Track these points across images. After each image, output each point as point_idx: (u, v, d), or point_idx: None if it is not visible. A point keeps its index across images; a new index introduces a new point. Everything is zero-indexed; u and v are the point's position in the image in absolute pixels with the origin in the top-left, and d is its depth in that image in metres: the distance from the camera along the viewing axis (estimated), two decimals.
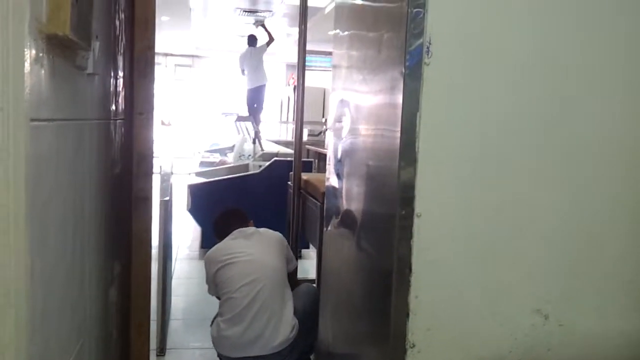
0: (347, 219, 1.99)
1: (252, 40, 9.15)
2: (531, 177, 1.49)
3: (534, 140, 1.48)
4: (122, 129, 1.72)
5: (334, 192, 2.15)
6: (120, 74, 1.69)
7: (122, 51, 1.70)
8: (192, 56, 15.35)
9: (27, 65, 0.83)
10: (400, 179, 1.44)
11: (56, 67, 0.99)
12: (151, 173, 1.66)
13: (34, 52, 0.87)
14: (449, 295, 1.47)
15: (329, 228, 2.24)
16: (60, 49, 1.01)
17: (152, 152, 1.65)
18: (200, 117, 14.56)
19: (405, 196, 1.44)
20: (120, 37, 1.68)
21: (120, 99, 1.68)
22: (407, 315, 1.45)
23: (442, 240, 1.46)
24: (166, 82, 14.52)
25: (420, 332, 1.46)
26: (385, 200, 1.56)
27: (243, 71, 9.09)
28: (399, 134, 1.44)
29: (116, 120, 1.62)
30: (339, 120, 2.09)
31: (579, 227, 1.52)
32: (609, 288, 1.54)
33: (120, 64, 1.69)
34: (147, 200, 1.64)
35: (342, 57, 2.11)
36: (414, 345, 1.46)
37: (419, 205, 1.44)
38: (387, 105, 1.55)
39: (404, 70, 1.42)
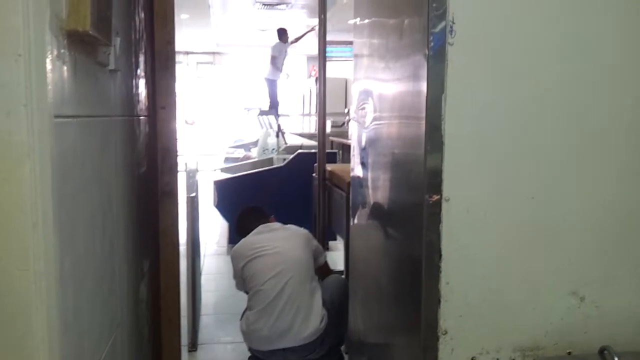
0: (374, 207, 1.97)
1: (279, 33, 9.07)
2: (565, 160, 1.45)
3: (568, 122, 1.44)
4: (147, 126, 1.73)
5: (360, 181, 2.14)
6: (142, 71, 1.70)
7: (143, 49, 1.70)
8: (213, 53, 15.44)
9: (48, 61, 0.83)
10: (427, 164, 1.41)
11: (78, 64, 0.99)
12: (176, 167, 1.67)
13: (55, 48, 0.87)
14: (480, 281, 1.45)
15: (356, 218, 2.22)
16: (82, 45, 1.01)
17: (176, 146, 1.66)
18: (223, 114, 14.64)
19: (433, 181, 1.41)
20: (141, 35, 1.68)
21: (143, 96, 1.68)
22: (439, 302, 1.43)
23: (473, 225, 1.43)
24: (188, 80, 14.63)
25: (452, 318, 1.44)
26: (413, 187, 1.53)
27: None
28: (424, 118, 1.41)
29: (140, 117, 1.63)
30: (362, 109, 2.07)
31: (617, 210, 1.47)
32: None
33: (142, 61, 1.69)
34: (173, 195, 1.65)
35: (363, 46, 2.08)
36: (446, 332, 1.44)
37: (447, 190, 1.41)
38: (412, 90, 1.52)
39: (427, 52, 1.39)
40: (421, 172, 1.44)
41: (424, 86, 1.41)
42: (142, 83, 1.65)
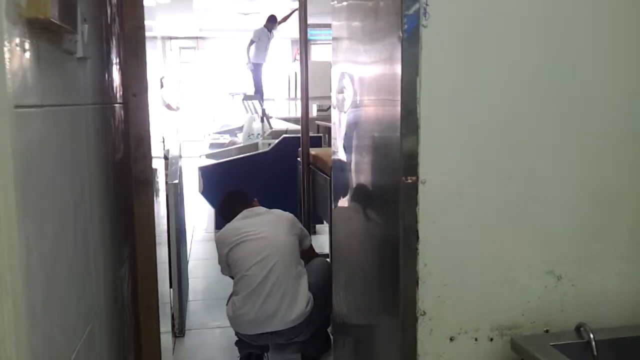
0: (354, 191, 1.97)
1: (268, 20, 9.14)
2: (541, 142, 1.45)
3: (544, 103, 1.44)
4: (121, 113, 1.71)
5: (341, 165, 2.13)
6: (115, 57, 1.67)
7: (115, 35, 1.68)
8: (196, 38, 15.26)
9: (6, 51, 0.80)
10: (403, 147, 1.42)
11: (41, 52, 0.97)
12: (150, 155, 1.65)
13: (14, 37, 0.85)
14: (458, 262, 1.46)
15: (338, 201, 2.22)
16: (44, 33, 0.99)
17: (149, 134, 1.64)
18: (208, 99, 14.52)
19: (409, 164, 1.42)
20: (112, 20, 1.65)
21: (117, 83, 1.66)
22: (417, 283, 1.44)
23: (449, 207, 1.44)
24: (171, 66, 14.47)
25: (431, 299, 1.45)
26: (390, 170, 1.54)
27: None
28: (399, 101, 1.41)
29: (113, 104, 1.61)
30: (341, 92, 2.06)
31: (593, 192, 1.48)
32: (624, 248, 1.51)
33: (114, 47, 1.67)
34: (148, 183, 1.63)
35: (341, 29, 2.07)
36: (424, 313, 1.45)
37: (423, 173, 1.42)
38: (387, 73, 1.51)
39: (401, 35, 1.38)
40: (397, 154, 1.44)
41: (398, 69, 1.40)
42: (114, 70, 1.63)
